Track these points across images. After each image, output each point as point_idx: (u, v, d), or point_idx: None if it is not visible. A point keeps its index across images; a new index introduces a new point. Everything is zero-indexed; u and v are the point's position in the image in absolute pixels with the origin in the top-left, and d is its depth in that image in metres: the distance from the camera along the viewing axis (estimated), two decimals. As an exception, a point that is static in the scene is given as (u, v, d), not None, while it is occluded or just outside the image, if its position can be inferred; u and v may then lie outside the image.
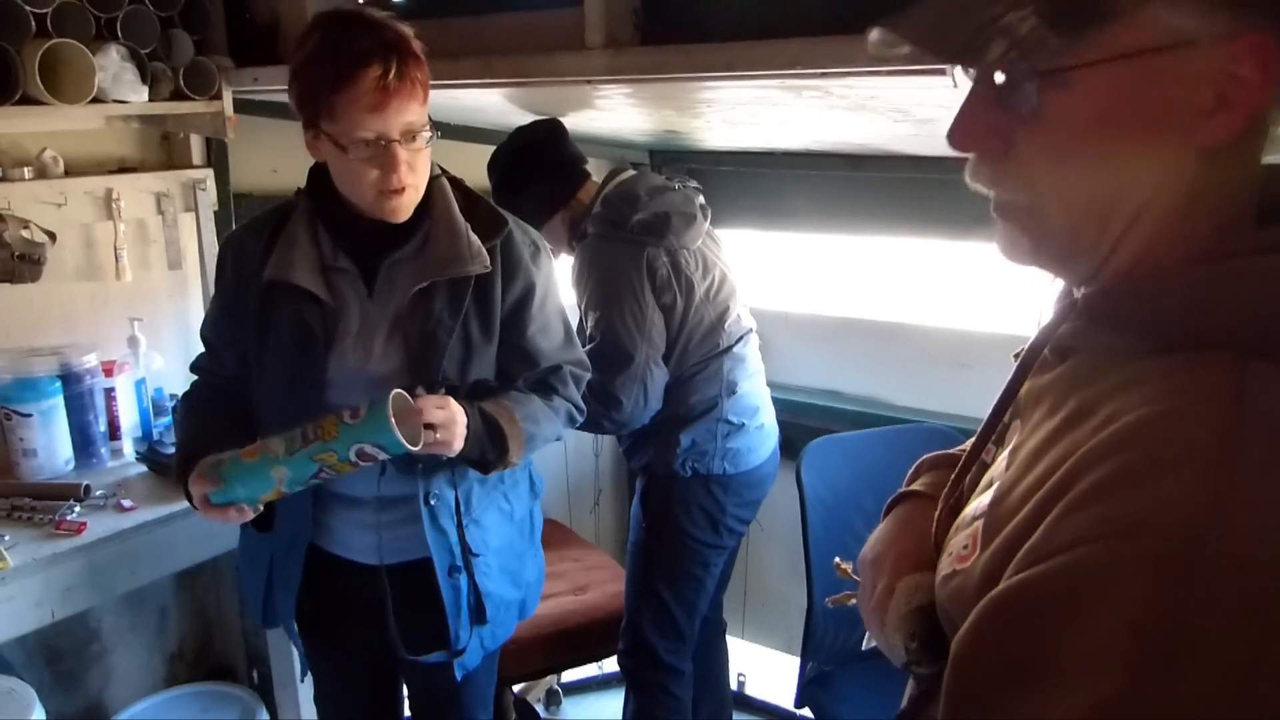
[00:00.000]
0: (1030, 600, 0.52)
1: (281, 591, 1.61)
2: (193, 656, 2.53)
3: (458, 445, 1.41)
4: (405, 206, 1.45)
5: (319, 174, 1.49)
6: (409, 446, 1.31)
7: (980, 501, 0.68)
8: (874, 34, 0.66)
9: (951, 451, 0.99)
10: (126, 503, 1.88)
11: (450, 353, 1.48)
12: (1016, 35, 0.58)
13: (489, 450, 1.47)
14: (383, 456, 1.33)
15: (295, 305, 1.47)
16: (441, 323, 1.47)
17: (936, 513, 0.79)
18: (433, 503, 1.53)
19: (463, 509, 1.55)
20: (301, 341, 1.48)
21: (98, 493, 1.90)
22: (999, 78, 0.62)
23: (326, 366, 1.48)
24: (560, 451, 2.95)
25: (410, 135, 1.39)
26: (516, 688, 2.65)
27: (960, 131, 0.65)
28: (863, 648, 0.94)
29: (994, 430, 0.74)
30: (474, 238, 1.49)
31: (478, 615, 1.60)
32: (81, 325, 2.15)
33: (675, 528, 2.16)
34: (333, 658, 1.76)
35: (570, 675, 2.92)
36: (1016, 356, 0.80)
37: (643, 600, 2.21)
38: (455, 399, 1.42)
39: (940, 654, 0.71)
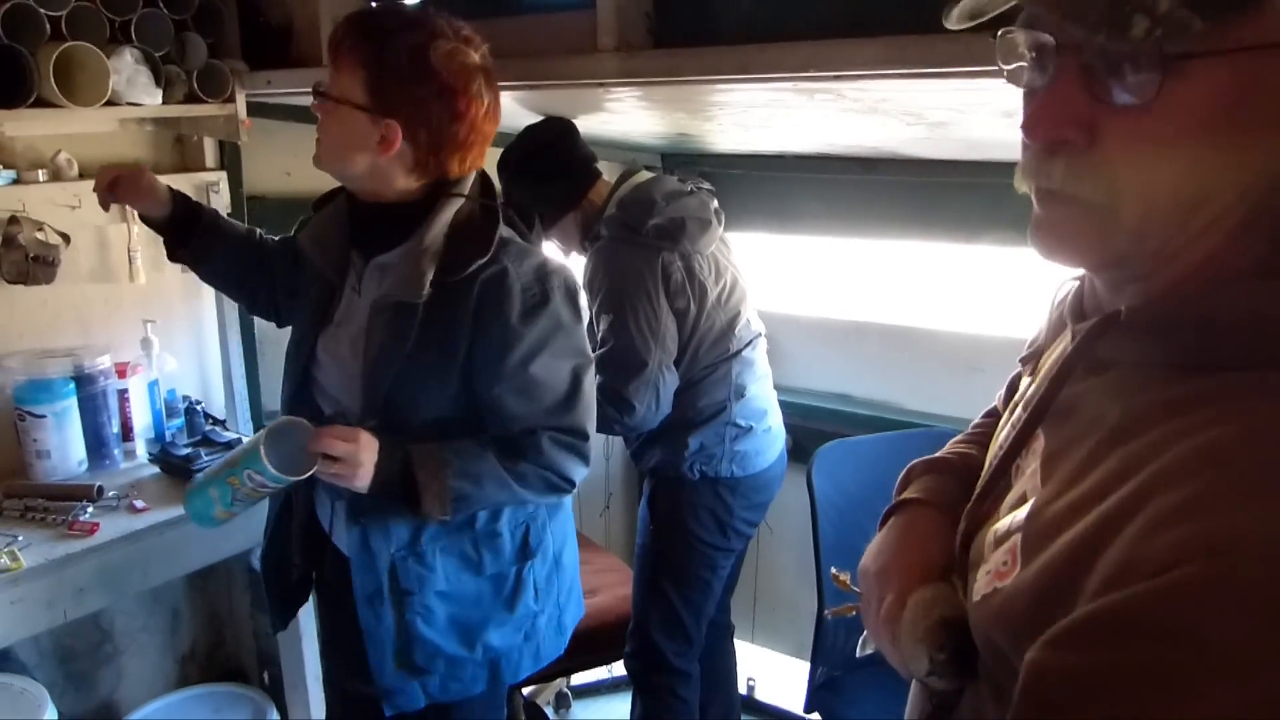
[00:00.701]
0: (1127, 620, 0.50)
1: (293, 595, 1.66)
2: (204, 658, 2.54)
3: (360, 483, 1.39)
4: (316, 154, 1.48)
5: None
6: (285, 477, 1.37)
7: (1015, 516, 0.66)
8: None
9: (942, 455, 0.97)
10: (139, 504, 1.89)
11: (401, 380, 1.44)
12: (1157, 13, 0.53)
13: (399, 498, 1.43)
14: (270, 485, 1.39)
15: (313, 277, 1.56)
16: (387, 346, 1.44)
17: (961, 527, 0.77)
18: (363, 522, 1.50)
19: (408, 539, 1.51)
20: (308, 311, 1.57)
21: (110, 494, 1.91)
22: (1103, 63, 0.57)
23: (317, 343, 1.55)
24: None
25: (324, 86, 1.44)
26: (526, 690, 2.65)
27: (1044, 120, 0.60)
28: (858, 654, 0.93)
29: (1025, 442, 0.71)
30: (425, 265, 1.41)
31: (402, 658, 1.54)
32: (95, 327, 2.16)
33: (683, 530, 2.16)
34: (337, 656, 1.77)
35: (580, 678, 2.92)
36: (1023, 361, 0.78)
37: (650, 603, 2.20)
38: (381, 436, 1.40)
39: (965, 669, 0.69)
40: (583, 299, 1.56)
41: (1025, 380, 0.82)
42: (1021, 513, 0.65)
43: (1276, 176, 0.57)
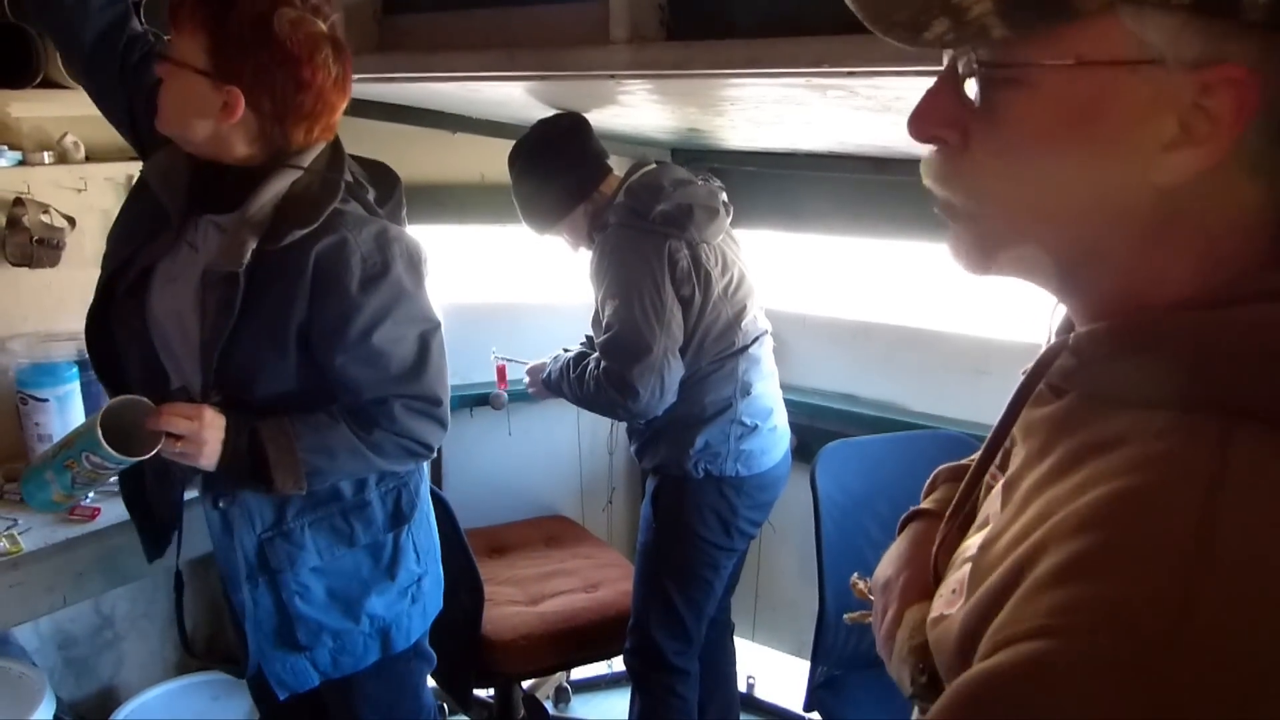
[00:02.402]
0: (994, 691, 0.49)
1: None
2: (205, 645, 2.54)
3: (205, 461, 1.36)
4: (157, 116, 1.42)
5: None
6: (126, 458, 1.32)
7: (973, 541, 0.66)
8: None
9: (966, 463, 0.97)
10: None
11: (234, 350, 1.41)
12: (962, 17, 0.54)
13: (246, 474, 1.41)
14: (111, 465, 1.35)
15: (149, 201, 1.47)
16: (217, 316, 1.40)
17: (939, 537, 0.76)
18: (222, 505, 1.47)
19: (273, 519, 1.49)
20: (134, 228, 1.49)
21: (111, 480, 1.90)
22: (961, 66, 0.58)
23: (150, 291, 1.48)
24: (574, 449, 2.94)
25: (166, 48, 1.39)
26: (526, 684, 2.65)
27: (919, 117, 0.61)
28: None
29: (994, 454, 0.70)
30: (246, 235, 1.38)
31: (283, 636, 1.52)
32: (100, 311, 2.15)
33: (686, 529, 2.15)
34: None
35: (579, 673, 2.91)
36: (1024, 374, 0.77)
37: (650, 601, 2.19)
38: (228, 411, 1.39)
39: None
40: (425, 266, 1.52)
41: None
42: (977, 539, 0.65)
43: (1148, 204, 0.55)
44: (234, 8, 1.35)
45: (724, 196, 2.17)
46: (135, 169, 2.11)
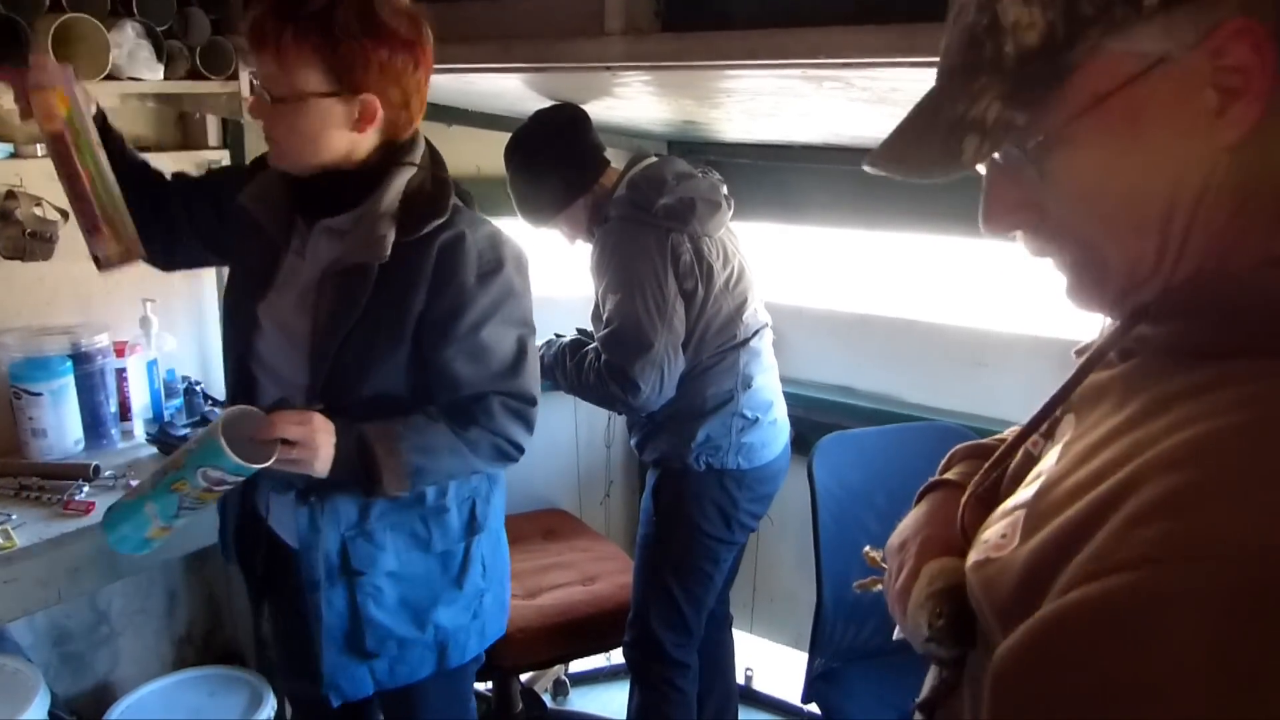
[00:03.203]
0: (1093, 617, 0.50)
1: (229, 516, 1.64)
2: (201, 640, 2.54)
3: (320, 466, 1.35)
4: (274, 157, 1.42)
5: None
6: (249, 466, 1.29)
7: (1025, 493, 0.67)
8: (867, 167, 0.67)
9: (986, 441, 0.97)
10: (136, 483, 1.87)
11: (349, 345, 1.42)
12: (985, 126, 0.60)
13: (359, 477, 1.40)
14: (230, 479, 1.32)
15: (252, 236, 1.48)
16: (340, 310, 1.41)
17: (964, 498, 0.78)
18: (312, 500, 1.47)
19: (357, 518, 1.49)
20: (252, 271, 1.50)
21: (107, 473, 1.90)
22: (998, 159, 0.63)
23: (257, 308, 1.49)
24: (571, 442, 2.94)
25: (264, 87, 1.37)
26: (524, 677, 2.65)
27: (991, 218, 0.66)
28: (894, 637, 0.92)
29: (1044, 422, 0.72)
30: (384, 227, 1.40)
31: (352, 642, 1.52)
32: (94, 305, 2.15)
33: (687, 522, 2.14)
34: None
35: (578, 666, 2.92)
36: (1079, 354, 0.78)
37: (650, 594, 2.19)
38: (331, 416, 1.38)
39: (964, 636, 0.70)
40: (531, 270, 1.55)
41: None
42: (1030, 490, 0.66)
43: (1225, 168, 0.58)
44: (335, 21, 1.31)
45: (725, 190, 2.16)
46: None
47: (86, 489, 1.83)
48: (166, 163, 2.17)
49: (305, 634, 1.52)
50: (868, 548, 0.99)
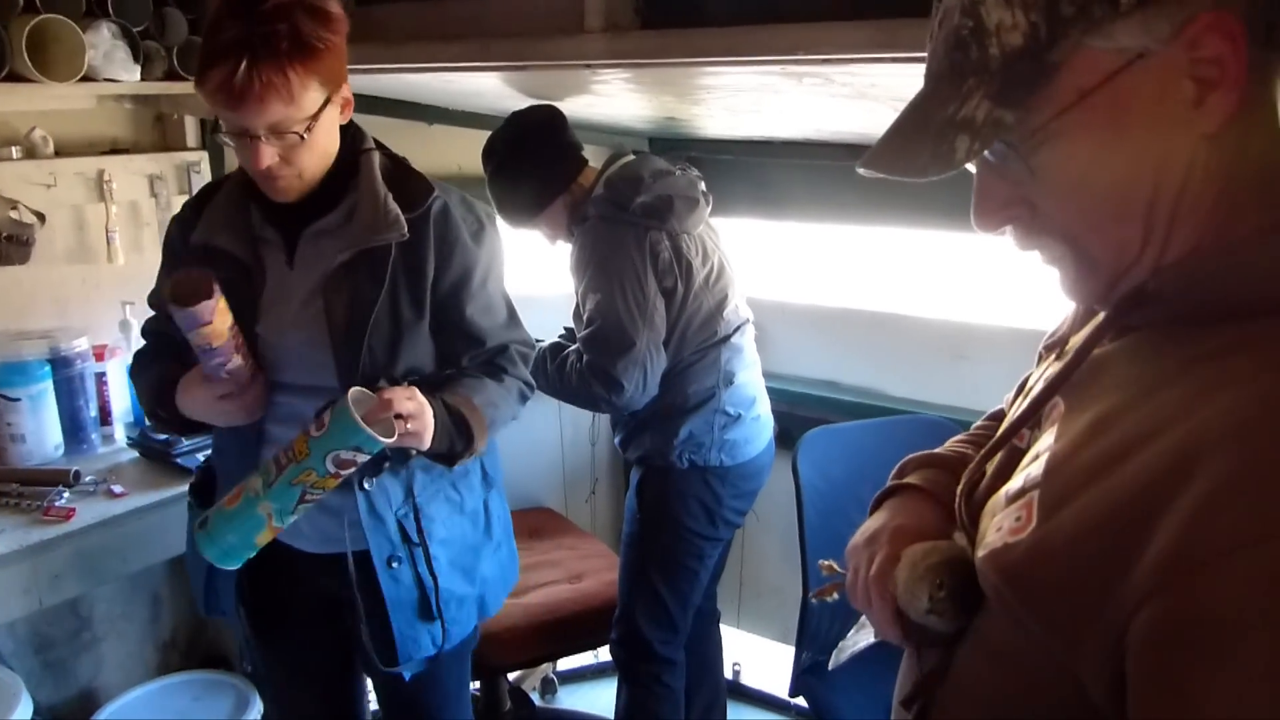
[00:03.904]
0: (1212, 609, 0.50)
1: (221, 577, 1.56)
2: (185, 645, 2.52)
3: (429, 436, 1.38)
4: (284, 190, 1.40)
5: None
6: (383, 440, 1.28)
7: (1029, 472, 0.67)
8: (861, 170, 0.70)
9: (938, 452, 0.98)
10: (117, 488, 1.86)
11: (377, 328, 1.44)
12: (976, 125, 0.62)
13: (457, 440, 1.43)
14: (361, 459, 1.30)
15: (222, 271, 1.43)
16: (364, 295, 1.43)
17: (960, 486, 0.78)
18: (368, 488, 1.49)
19: (403, 496, 1.53)
20: (234, 308, 1.44)
21: (87, 478, 1.89)
22: (989, 157, 0.65)
23: (255, 336, 1.46)
24: (556, 440, 2.93)
25: (277, 132, 1.32)
26: (511, 676, 2.65)
27: (982, 215, 0.68)
28: (830, 666, 0.92)
29: (1038, 411, 0.73)
30: (393, 206, 1.44)
31: (423, 610, 1.55)
32: (72, 308, 2.13)
33: (671, 520, 2.14)
34: (281, 654, 1.69)
35: (565, 664, 2.92)
36: (1048, 349, 0.80)
37: (636, 592, 2.19)
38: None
39: (965, 609, 0.71)
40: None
41: (1043, 365, 0.82)
42: (1037, 469, 0.66)
43: (1205, 155, 0.61)
44: (302, 31, 1.29)
45: (703, 186, 2.16)
46: (105, 164, 2.10)
47: (67, 495, 1.82)
48: (145, 164, 2.19)
49: (379, 613, 1.53)
50: (821, 560, 0.99)
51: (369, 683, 1.78)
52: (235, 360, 1.38)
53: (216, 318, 1.31)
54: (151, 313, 1.62)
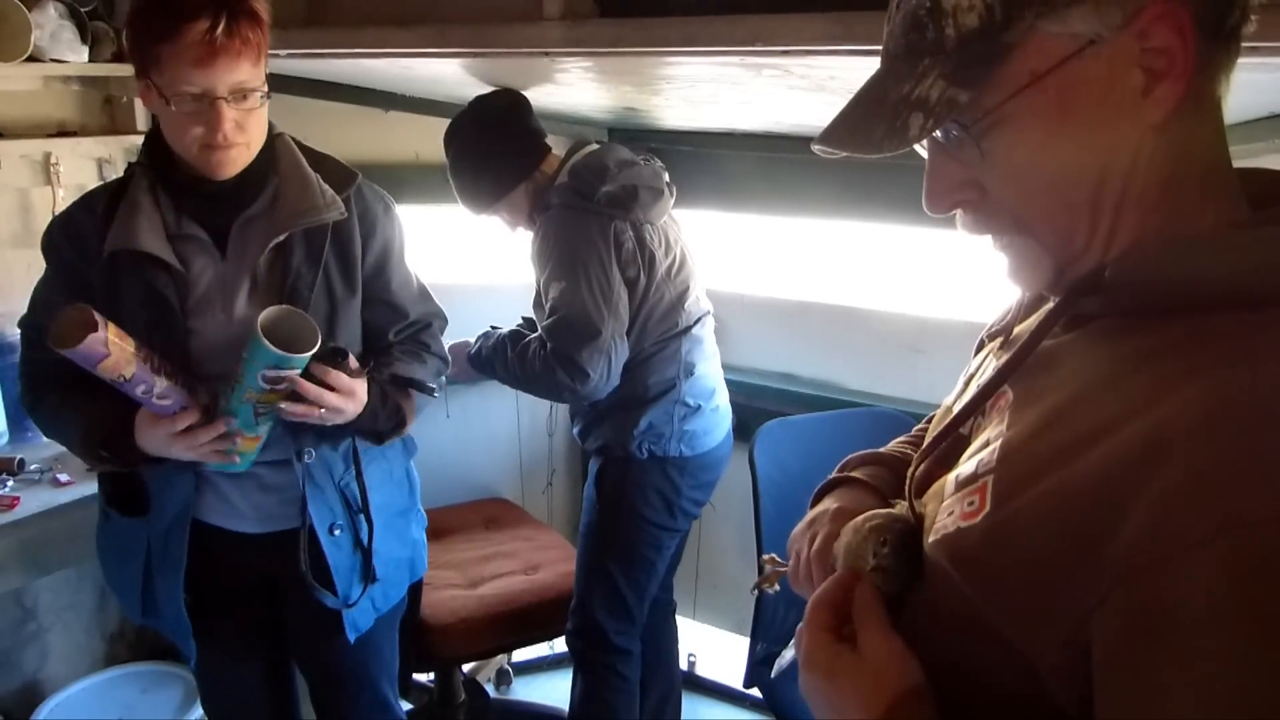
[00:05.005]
0: (1193, 596, 0.50)
1: (165, 578, 1.52)
2: (134, 636, 2.48)
3: (354, 408, 1.43)
4: (231, 162, 1.38)
5: (158, 140, 1.42)
6: (295, 357, 1.32)
7: (980, 458, 0.67)
8: (815, 147, 0.70)
9: (881, 450, 0.99)
10: (63, 477, 1.83)
11: (315, 307, 1.45)
12: (930, 104, 0.63)
13: (383, 423, 1.52)
14: (288, 372, 1.34)
15: (143, 275, 1.40)
16: (301, 276, 1.45)
17: (911, 470, 0.79)
18: (306, 459, 1.51)
19: (344, 466, 1.56)
20: (155, 313, 1.41)
21: (32, 466, 1.85)
22: (941, 138, 0.66)
23: (187, 337, 1.42)
24: (513, 431, 2.92)
25: (240, 94, 1.33)
26: (466, 667, 2.64)
27: (933, 196, 0.68)
28: (773, 674, 0.93)
29: (986, 400, 0.73)
30: (327, 187, 1.47)
31: (365, 573, 1.61)
32: (17, 294, 2.07)
33: (630, 510, 2.15)
34: (220, 644, 1.66)
35: (520, 655, 2.91)
36: (991, 337, 0.80)
37: (593, 581, 2.19)
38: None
39: (911, 568, 0.70)
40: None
41: (987, 353, 0.83)
42: (989, 455, 0.66)
43: (1152, 144, 0.62)
44: (260, 25, 1.32)
45: (667, 177, 2.16)
46: (52, 147, 2.05)
47: (11, 483, 1.79)
48: (93, 147, 2.14)
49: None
50: (766, 555, 1.00)
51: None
52: (160, 382, 1.32)
53: (112, 348, 1.27)
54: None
